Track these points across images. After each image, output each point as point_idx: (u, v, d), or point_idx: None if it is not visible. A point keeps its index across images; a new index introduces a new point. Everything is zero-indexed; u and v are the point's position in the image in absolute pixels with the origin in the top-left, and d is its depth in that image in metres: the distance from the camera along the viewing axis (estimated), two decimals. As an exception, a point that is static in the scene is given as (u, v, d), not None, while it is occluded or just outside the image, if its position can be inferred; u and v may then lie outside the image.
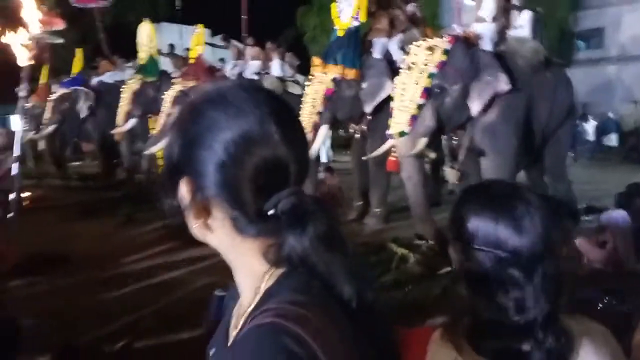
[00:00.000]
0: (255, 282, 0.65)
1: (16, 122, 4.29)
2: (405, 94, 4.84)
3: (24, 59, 3.65)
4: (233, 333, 0.68)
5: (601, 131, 14.75)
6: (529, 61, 5.03)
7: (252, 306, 0.63)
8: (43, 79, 11.67)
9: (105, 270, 4.63)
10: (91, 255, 5.03)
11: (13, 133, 8.51)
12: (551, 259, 0.89)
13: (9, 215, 3.52)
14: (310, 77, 6.36)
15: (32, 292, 4.14)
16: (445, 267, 4.36)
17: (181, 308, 3.74)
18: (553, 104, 5.21)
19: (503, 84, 4.67)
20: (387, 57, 6.10)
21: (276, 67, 8.44)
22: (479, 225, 0.91)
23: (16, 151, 3.48)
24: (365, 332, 0.63)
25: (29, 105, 7.78)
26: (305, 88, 6.34)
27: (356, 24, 6.06)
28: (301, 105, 6.05)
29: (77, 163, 12.82)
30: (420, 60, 4.83)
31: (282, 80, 8.18)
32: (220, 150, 0.62)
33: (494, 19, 5.20)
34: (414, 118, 4.81)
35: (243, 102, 0.64)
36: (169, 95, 7.96)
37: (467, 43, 4.93)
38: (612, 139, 14.83)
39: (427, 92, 4.76)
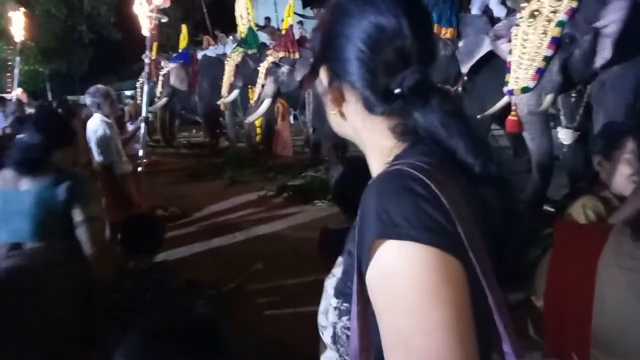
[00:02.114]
0: (385, 157, 0.71)
1: (142, 88, 4.73)
2: (528, 45, 4.36)
3: (147, 29, 4.06)
4: None
5: None
6: None
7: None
8: (152, 54, 12.62)
9: (216, 223, 5.11)
10: (203, 210, 5.55)
11: (139, 104, 9.36)
12: None
13: (139, 169, 3.99)
14: None
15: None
16: (547, 229, 4.22)
17: (285, 257, 4.05)
18: None
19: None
20: (487, 13, 5.79)
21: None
22: None
23: (143, 112, 3.93)
24: (489, 199, 0.66)
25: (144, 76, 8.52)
26: None
27: None
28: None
29: (184, 133, 13.84)
30: (546, 8, 4.32)
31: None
32: (355, 38, 0.70)
33: None
34: (539, 71, 4.30)
35: None
36: (262, 67, 8.30)
37: None
38: None
39: (556, 43, 4.24)
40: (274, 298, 3.40)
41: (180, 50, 11.79)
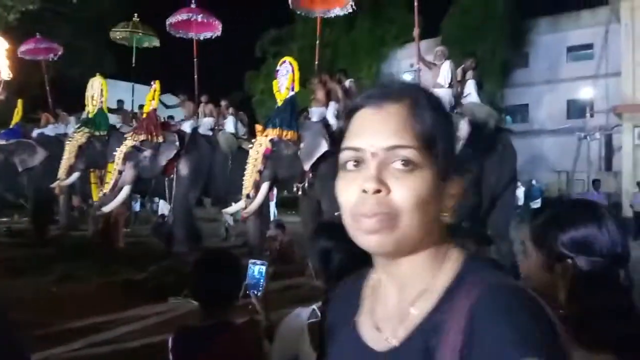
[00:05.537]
0: (435, 262, 0.67)
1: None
2: None
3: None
4: (410, 321, 0.65)
5: (527, 197, 16.18)
6: (485, 123, 5.62)
7: (447, 283, 0.65)
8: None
9: (47, 330, 4.25)
10: (27, 314, 4.61)
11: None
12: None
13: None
14: (253, 141, 7.00)
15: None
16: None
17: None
18: (501, 168, 5.74)
19: None
20: (324, 121, 6.83)
21: (230, 124, 8.55)
22: (583, 234, 0.97)
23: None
24: None
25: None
26: (249, 151, 6.83)
27: (292, 93, 6.97)
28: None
29: (5, 219, 11.99)
30: None
31: (236, 137, 8.27)
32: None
33: (450, 86, 5.81)
34: None
35: None
36: (120, 151, 7.71)
37: None
38: (539, 204, 16.11)
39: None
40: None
41: (11, 126, 10.52)
